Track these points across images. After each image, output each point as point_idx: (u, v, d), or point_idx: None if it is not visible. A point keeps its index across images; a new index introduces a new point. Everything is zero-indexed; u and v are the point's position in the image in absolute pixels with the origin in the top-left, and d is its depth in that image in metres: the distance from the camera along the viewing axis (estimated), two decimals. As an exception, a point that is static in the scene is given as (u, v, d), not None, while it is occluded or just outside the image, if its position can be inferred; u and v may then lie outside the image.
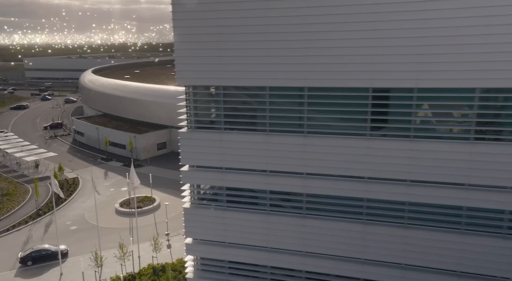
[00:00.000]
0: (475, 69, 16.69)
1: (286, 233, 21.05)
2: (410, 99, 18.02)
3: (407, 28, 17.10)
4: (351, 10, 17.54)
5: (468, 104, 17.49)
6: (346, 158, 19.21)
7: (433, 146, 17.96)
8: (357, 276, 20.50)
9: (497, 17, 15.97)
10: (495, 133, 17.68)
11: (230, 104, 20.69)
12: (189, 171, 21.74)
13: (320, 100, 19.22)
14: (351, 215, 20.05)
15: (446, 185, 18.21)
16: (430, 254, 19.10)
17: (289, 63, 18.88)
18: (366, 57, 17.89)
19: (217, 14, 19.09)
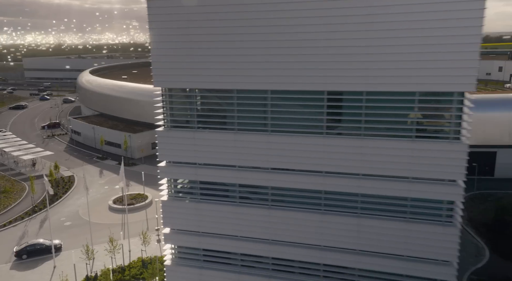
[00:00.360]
0: (414, 75, 18.75)
1: (254, 223, 23.10)
2: (360, 101, 20.09)
3: (356, 38, 19.15)
4: (306, 22, 19.59)
5: (408, 106, 19.56)
6: (305, 154, 21.27)
7: (380, 143, 20.03)
8: (316, 261, 22.56)
9: (431, 29, 18.03)
10: (434, 132, 19.75)
11: (202, 105, 22.76)
12: (166, 166, 23.82)
13: (282, 102, 21.29)
14: (311, 206, 22.11)
15: (391, 178, 20.27)
16: (381, 240, 21.14)
17: (254, 68, 20.93)
18: (321, 63, 19.95)
19: (189, 24, 21.15)
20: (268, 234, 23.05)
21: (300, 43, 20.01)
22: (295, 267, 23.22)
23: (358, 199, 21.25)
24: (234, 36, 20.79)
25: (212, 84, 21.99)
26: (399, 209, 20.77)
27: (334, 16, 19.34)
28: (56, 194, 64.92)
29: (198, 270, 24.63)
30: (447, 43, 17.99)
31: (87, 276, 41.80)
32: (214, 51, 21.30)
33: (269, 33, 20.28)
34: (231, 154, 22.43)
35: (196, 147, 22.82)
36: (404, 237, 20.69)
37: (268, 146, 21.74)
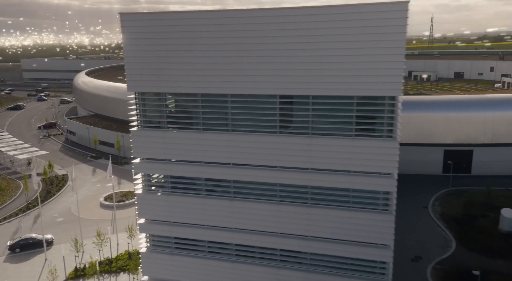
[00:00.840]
0: (351, 81, 21.42)
1: (219, 213, 25.76)
2: (308, 104, 22.77)
3: (302, 49, 21.79)
4: (258, 34, 22.24)
5: (348, 108, 22.22)
6: (261, 151, 23.94)
7: (325, 141, 22.70)
8: (274, 247, 25.24)
9: (362, 42, 20.70)
10: (371, 131, 22.41)
11: (171, 107, 25.42)
12: (140, 163, 26.47)
13: (240, 105, 23.94)
14: (268, 197, 24.77)
15: (336, 172, 22.94)
16: (328, 227, 23.82)
17: (215, 74, 23.58)
18: (273, 70, 22.60)
19: (157, 35, 23.79)
20: (231, 223, 25.71)
21: (254, 53, 22.66)
22: (256, 253, 25.90)
23: (308, 190, 23.91)
24: (197, 46, 23.43)
25: (179, 89, 24.66)
26: (343, 199, 23.45)
27: (282, 30, 21.97)
28: (49, 191, 67.51)
29: (170, 257, 27.30)
30: (377, 54, 20.67)
31: (76, 267, 44.43)
32: (181, 60, 23.94)
33: (228, 43, 22.91)
34: (197, 151, 25.09)
35: (166, 145, 25.47)
36: (348, 224, 23.37)
37: (229, 144, 24.39)
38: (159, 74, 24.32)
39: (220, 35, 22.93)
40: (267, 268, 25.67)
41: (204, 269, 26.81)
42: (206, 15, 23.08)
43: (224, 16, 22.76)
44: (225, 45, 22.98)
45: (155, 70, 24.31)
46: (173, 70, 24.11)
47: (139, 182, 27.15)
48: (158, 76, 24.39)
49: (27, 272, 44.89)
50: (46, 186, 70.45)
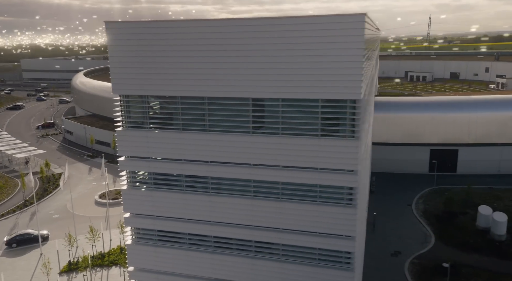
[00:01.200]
0: (316, 86, 23.29)
1: (198, 207, 27.64)
2: (277, 107, 24.67)
3: (274, 56, 23.66)
4: (232, 42, 24.14)
5: (314, 110, 24.11)
6: (236, 149, 25.81)
7: (294, 140, 24.59)
8: (249, 239, 27.13)
9: (324, 50, 22.61)
10: (335, 131, 24.30)
11: (153, 109, 27.33)
12: (125, 160, 28.37)
13: (217, 107, 25.84)
14: (243, 192, 26.65)
15: (304, 169, 24.83)
16: (298, 220, 25.68)
17: (193, 79, 25.45)
18: (246, 75, 24.45)
19: (140, 42, 25.68)
20: (210, 217, 27.58)
21: (228, 59, 24.54)
22: (233, 244, 27.79)
23: (279, 186, 25.79)
24: (176, 53, 25.30)
25: (160, 92, 26.55)
26: (311, 194, 25.32)
27: (254, 39, 23.85)
28: (46, 189, 69.47)
29: (153, 248, 29.21)
30: (338, 62, 22.54)
31: (70, 261, 46.40)
32: (161, 65, 25.81)
33: (204, 50, 24.79)
34: (177, 149, 26.98)
35: (149, 144, 27.37)
36: (316, 217, 25.25)
37: (207, 143, 26.28)
38: (142, 78, 26.19)
39: (197, 42, 24.79)
40: (243, 259, 27.54)
41: (185, 259, 28.70)
42: (183, 24, 24.98)
43: (199, 25, 24.66)
44: (202, 52, 24.84)
45: (138, 74, 26.17)
46: (155, 75, 25.97)
47: (124, 179, 29.03)
48: (141, 80, 26.26)
49: (22, 265, 46.86)
50: (43, 184, 72.41)
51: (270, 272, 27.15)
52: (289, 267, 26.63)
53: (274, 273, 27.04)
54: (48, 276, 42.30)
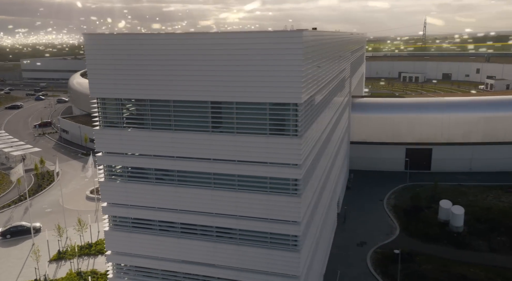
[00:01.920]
0: (265, 91, 26.91)
1: (166, 197, 31.26)
2: (232, 109, 28.29)
3: (227, 65, 27.27)
4: (192, 52, 27.76)
5: (263, 112, 27.72)
6: (198, 146, 29.45)
7: (247, 138, 28.23)
8: (211, 225, 30.78)
9: (270, 61, 26.23)
10: (281, 130, 27.92)
11: (126, 110, 30.97)
12: (102, 156, 32.02)
13: (181, 108, 29.46)
14: (204, 184, 30.27)
15: (256, 163, 28.47)
16: (253, 208, 29.28)
17: (160, 84, 29.07)
18: (205, 81, 28.05)
19: (114, 51, 29.30)
20: (176, 205, 31.21)
21: (191, 67, 28.16)
22: (197, 230, 31.43)
23: (235, 178, 29.41)
24: (146, 61, 28.91)
25: (132, 95, 30.19)
26: (262, 185, 28.95)
27: (212, 50, 27.47)
28: (40, 185, 73.17)
29: (128, 234, 32.86)
30: (281, 71, 26.18)
31: (59, 251, 50.09)
32: (133, 72, 29.39)
33: (170, 60, 28.41)
34: (147, 146, 30.61)
35: (122, 141, 31.01)
36: (267, 205, 28.88)
37: (173, 140, 29.90)
38: (116, 83, 29.80)
39: (163, 52, 28.42)
40: (206, 243, 31.18)
41: (156, 244, 32.32)
42: (150, 37, 28.63)
43: (164, 38, 28.32)
44: (167, 61, 28.46)
45: (113, 80, 29.79)
46: (127, 80, 29.57)
47: (101, 172, 32.68)
48: (115, 85, 29.88)
49: (15, 255, 50.56)
50: (37, 180, 76.11)
51: (229, 254, 30.79)
52: (245, 250, 30.29)
53: (233, 255, 30.68)
54: (38, 262, 45.94)
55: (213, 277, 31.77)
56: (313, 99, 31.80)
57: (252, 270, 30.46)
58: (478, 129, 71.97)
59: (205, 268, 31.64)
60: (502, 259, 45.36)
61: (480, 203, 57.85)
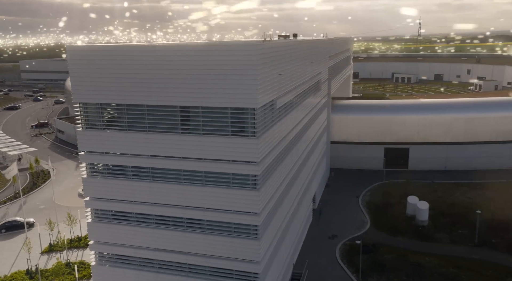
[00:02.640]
0: (227, 97, 30.41)
1: (142, 192, 34.74)
2: (198, 113, 31.79)
3: (193, 74, 30.76)
4: (162, 63, 31.26)
5: (226, 115, 31.21)
6: (169, 145, 32.91)
7: (211, 138, 31.73)
8: (181, 216, 34.26)
9: (229, 75, 29.74)
10: (241, 131, 31.42)
11: (106, 113, 34.49)
12: (85, 154, 35.51)
13: (154, 112, 32.96)
14: (175, 179, 33.78)
15: (220, 161, 31.98)
16: (218, 200, 32.78)
17: (135, 91, 32.56)
18: (175, 89, 31.54)
19: (94, 61, 32.79)
20: (151, 199, 34.67)
21: (162, 76, 31.64)
22: (169, 221, 34.94)
23: (203, 174, 32.93)
24: (122, 71, 32.38)
25: (111, 100, 33.70)
26: (226, 181, 32.46)
27: (180, 60, 30.98)
28: (35, 183, 76.70)
29: (108, 225, 36.37)
30: (240, 79, 29.69)
31: (50, 243, 53.60)
32: (111, 79, 32.85)
33: (143, 69, 31.91)
34: (124, 146, 34.12)
35: (102, 141, 34.51)
36: (230, 198, 32.37)
37: (147, 141, 33.38)
38: (96, 89, 33.27)
39: (137, 62, 31.93)
40: (177, 232, 34.69)
41: (133, 234, 35.83)
42: (126, 48, 32.20)
43: (137, 50, 31.85)
44: (141, 70, 31.97)
45: (93, 86, 33.25)
46: (106, 87, 33.05)
47: (84, 169, 36.19)
48: (95, 91, 33.36)
49: (9, 247, 54.09)
50: (32, 178, 79.64)
51: (198, 242, 34.31)
52: (212, 238, 33.81)
53: (201, 243, 34.20)
54: (29, 254, 49.45)
55: (184, 263, 35.31)
56: (274, 103, 35.34)
57: (219, 256, 34.00)
58: (453, 130, 75.44)
59: (177, 255, 35.17)
60: (460, 250, 48.85)
61: (447, 199, 61.29)
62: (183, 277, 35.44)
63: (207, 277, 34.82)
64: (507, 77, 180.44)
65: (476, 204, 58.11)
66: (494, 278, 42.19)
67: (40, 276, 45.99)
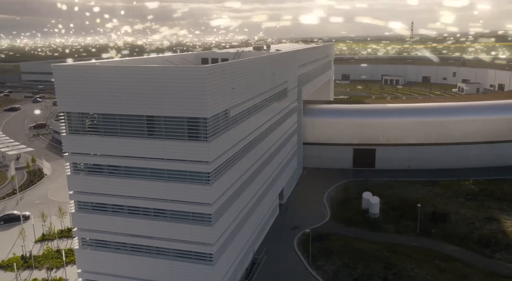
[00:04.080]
0: (183, 110, 37.14)
1: (116, 186, 41.48)
2: (161, 121, 38.53)
3: (155, 89, 37.47)
4: (129, 80, 38.01)
5: (182, 123, 37.96)
6: (137, 147, 39.66)
7: (170, 142, 38.47)
8: (148, 206, 41.00)
9: (183, 92, 36.51)
10: (197, 136, 38.16)
11: (86, 120, 41.27)
12: (68, 155, 42.27)
13: (125, 120, 39.69)
14: (143, 176, 40.51)
15: (177, 160, 38.73)
16: (179, 194, 39.54)
17: (109, 102, 39.29)
18: (142, 101, 38.29)
19: (75, 78, 39.54)
20: (123, 192, 41.39)
21: (131, 91, 38.37)
22: (140, 211, 41.68)
23: (165, 172, 39.63)
24: (99, 85, 39.15)
25: (89, 110, 40.47)
26: (185, 177, 39.21)
27: (145, 79, 37.73)
28: (32, 181, 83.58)
29: (89, 215, 43.14)
30: (193, 94, 36.43)
31: (43, 233, 60.44)
32: (90, 93, 39.63)
33: (114, 85, 38.64)
34: (101, 147, 40.86)
35: (83, 144, 41.25)
36: (188, 191, 39.09)
37: (119, 144, 40.11)
38: (77, 101, 40.01)
39: (112, 79, 38.71)
40: (146, 220, 41.40)
41: (110, 222, 42.50)
42: (102, 68, 38.95)
43: (112, 70, 38.65)
44: (115, 85, 38.70)
45: (75, 98, 40.00)
46: (85, 99, 39.76)
47: (68, 167, 42.94)
48: (76, 102, 40.11)
49: (7, 237, 60.94)
50: (29, 176, 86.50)
51: (163, 228, 41.03)
52: (174, 225, 40.57)
53: (165, 229, 40.91)
54: (24, 241, 56.28)
55: (152, 246, 42.03)
56: (228, 112, 42.05)
57: (180, 240, 40.76)
58: (415, 132, 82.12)
59: (146, 240, 41.93)
60: (403, 238, 55.59)
61: (400, 195, 67.90)
62: (152, 258, 42.21)
63: (171, 257, 41.60)
64: (489, 80, 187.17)
65: (424, 199, 64.79)
66: (423, 260, 48.88)
67: (33, 260, 52.79)
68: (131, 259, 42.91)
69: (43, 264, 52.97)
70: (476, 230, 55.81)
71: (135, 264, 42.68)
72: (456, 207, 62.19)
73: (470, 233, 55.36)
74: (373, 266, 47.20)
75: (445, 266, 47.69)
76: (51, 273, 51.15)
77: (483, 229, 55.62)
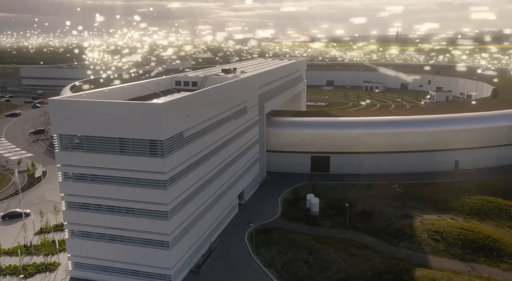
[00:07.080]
0: (145, 133, 50.07)
1: (97, 190, 54.36)
2: (129, 141, 51.42)
3: (124, 120, 50.48)
4: (104, 110, 50.89)
5: (145, 143, 50.88)
6: (111, 161, 52.48)
7: (138, 158, 51.41)
8: (120, 206, 53.91)
9: (141, 118, 49.49)
10: (153, 151, 51.09)
11: (74, 140, 54.21)
12: (60, 166, 55.15)
13: (103, 140, 52.50)
14: (116, 182, 53.38)
15: (142, 171, 51.65)
16: (139, 195, 52.46)
17: (91, 126, 52.14)
18: (115, 126, 51.16)
19: (66, 108, 52.41)
20: (102, 194, 54.30)
21: (106, 118, 51.27)
22: (114, 209, 54.59)
23: (133, 180, 52.59)
24: (83, 114, 52.04)
25: (77, 132, 53.37)
26: (148, 183, 52.11)
27: (118, 111, 50.64)
28: (31, 183, 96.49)
29: (76, 212, 56.12)
30: (150, 124, 49.36)
31: (41, 227, 73.42)
32: (77, 119, 52.46)
33: (95, 114, 51.51)
34: (85, 161, 53.80)
35: (71, 158, 54.19)
36: (150, 194, 52.00)
37: (99, 159, 53.00)
38: (67, 125, 52.94)
39: (91, 111, 51.61)
40: (119, 216, 54.34)
41: (92, 217, 55.45)
42: (83, 103, 51.96)
43: (90, 104, 51.60)
44: (94, 114, 51.58)
45: (66, 123, 52.91)
46: (73, 124, 52.68)
47: (60, 176, 55.81)
48: (67, 126, 53.03)
49: (11, 231, 73.81)
50: (29, 179, 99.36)
51: (132, 222, 53.98)
52: (141, 219, 53.56)
53: (134, 223, 53.86)
54: (26, 234, 69.20)
55: (124, 236, 54.90)
56: (182, 133, 54.87)
57: (145, 231, 53.74)
58: (361, 142, 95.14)
59: (120, 231, 54.87)
60: (334, 232, 68.51)
61: (340, 196, 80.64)
62: (124, 245, 55.15)
63: (138, 244, 54.55)
64: (459, 88, 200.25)
65: (359, 200, 77.73)
66: (341, 248, 61.74)
67: (33, 248, 65.71)
68: (108, 246, 55.84)
69: (41, 251, 65.75)
70: (391, 224, 68.80)
71: (112, 250, 55.64)
72: (382, 206, 75.15)
73: (386, 227, 68.36)
74: (299, 252, 60.11)
75: (357, 252, 60.61)
76: (47, 258, 63.92)
77: (397, 224, 68.60)
